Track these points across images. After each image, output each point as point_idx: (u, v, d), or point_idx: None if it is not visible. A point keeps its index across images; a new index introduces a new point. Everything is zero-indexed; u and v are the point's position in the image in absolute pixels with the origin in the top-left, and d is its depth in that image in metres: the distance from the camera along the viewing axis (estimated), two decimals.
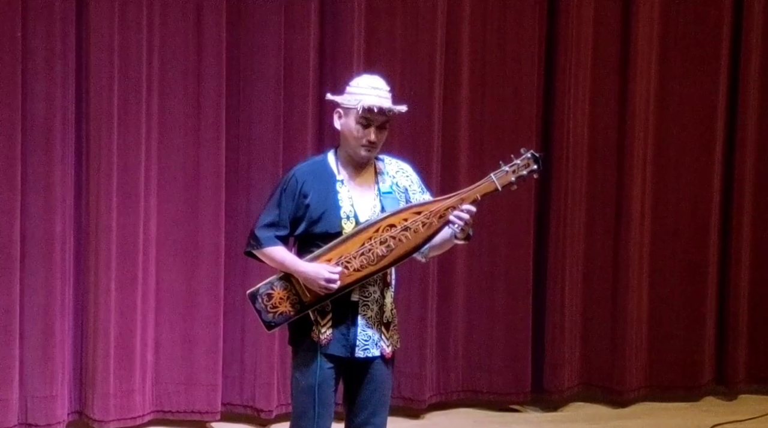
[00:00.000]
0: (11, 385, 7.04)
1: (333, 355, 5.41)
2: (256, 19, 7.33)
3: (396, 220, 5.38)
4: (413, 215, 5.38)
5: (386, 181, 5.51)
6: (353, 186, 5.47)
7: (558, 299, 7.81)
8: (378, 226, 5.36)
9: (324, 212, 5.42)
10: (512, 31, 7.73)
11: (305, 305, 5.41)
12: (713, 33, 7.96)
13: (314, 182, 5.45)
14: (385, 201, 5.46)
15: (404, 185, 5.51)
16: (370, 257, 5.38)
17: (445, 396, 7.75)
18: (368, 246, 5.37)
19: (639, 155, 7.86)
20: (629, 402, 7.90)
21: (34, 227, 7.10)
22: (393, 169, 5.53)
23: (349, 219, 5.43)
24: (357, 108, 5.34)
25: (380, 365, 5.49)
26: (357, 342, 5.44)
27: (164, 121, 7.28)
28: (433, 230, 5.37)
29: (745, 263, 8.11)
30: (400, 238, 5.36)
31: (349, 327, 5.44)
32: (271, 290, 5.45)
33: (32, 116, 7.06)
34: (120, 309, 7.20)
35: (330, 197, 5.44)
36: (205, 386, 7.33)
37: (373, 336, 5.46)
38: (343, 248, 5.39)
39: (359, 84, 5.45)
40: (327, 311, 5.43)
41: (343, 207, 5.42)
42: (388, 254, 5.36)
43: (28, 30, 7.02)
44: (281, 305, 5.46)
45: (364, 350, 5.42)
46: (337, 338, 5.43)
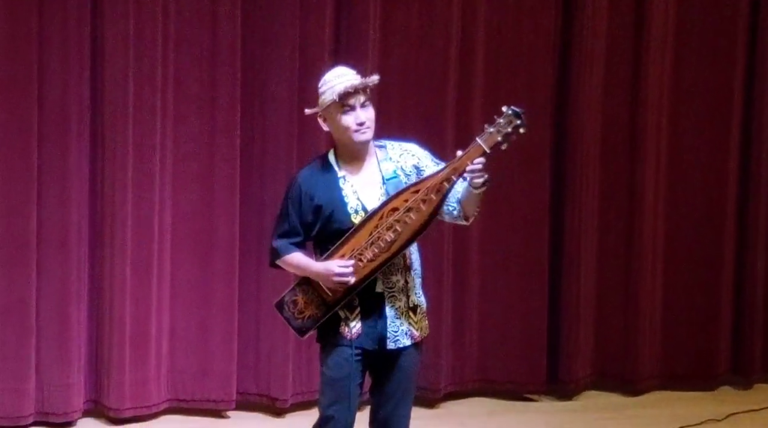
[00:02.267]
0: (28, 374, 7.08)
1: (362, 348, 5.42)
2: (271, 8, 7.33)
3: (398, 203, 5.38)
4: (412, 194, 5.38)
5: (389, 167, 5.50)
6: (356, 180, 5.47)
7: (573, 288, 7.80)
8: (382, 213, 5.37)
9: (333, 211, 5.44)
10: (527, 22, 7.72)
11: (330, 305, 5.43)
12: (729, 23, 7.92)
13: (318, 184, 5.47)
14: (390, 187, 5.46)
15: (412, 164, 5.50)
16: (380, 245, 5.38)
17: (460, 386, 7.76)
18: (376, 235, 5.38)
19: (652, 145, 7.86)
20: (644, 391, 7.91)
21: (50, 216, 7.13)
22: (396, 153, 5.54)
23: (358, 213, 5.44)
24: (333, 99, 5.35)
25: (409, 355, 5.51)
26: (387, 333, 5.45)
27: (179, 111, 7.30)
28: (434, 205, 5.36)
29: (762, 252, 8.09)
30: (404, 220, 5.37)
31: (377, 320, 5.45)
32: (296, 297, 5.48)
33: (48, 106, 7.08)
34: (135, 298, 7.23)
35: (335, 195, 5.45)
36: (220, 375, 7.37)
37: (402, 326, 5.47)
38: (353, 241, 5.41)
39: (325, 81, 5.47)
40: (355, 305, 5.44)
41: (350, 202, 5.43)
42: (397, 238, 5.36)
43: (44, 20, 7.02)
44: (308, 310, 5.50)
45: (395, 341, 5.43)
46: (366, 331, 5.44)
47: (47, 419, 7.15)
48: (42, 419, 7.15)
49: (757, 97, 7.99)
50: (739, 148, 8.04)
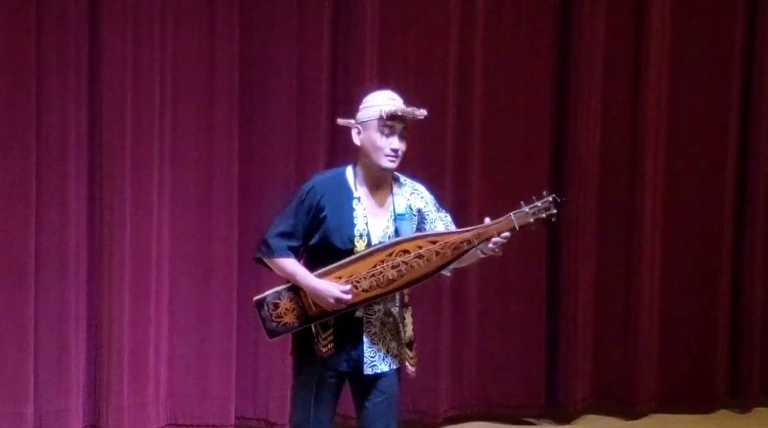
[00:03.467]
0: (26, 399, 7.07)
1: (334, 369, 5.43)
2: (269, 32, 7.36)
3: (410, 246, 5.37)
4: (428, 243, 5.38)
5: (401, 203, 5.50)
6: (369, 205, 5.46)
7: (571, 311, 7.83)
8: (392, 250, 5.36)
9: (338, 228, 5.41)
10: (525, 45, 7.76)
11: (309, 319, 5.41)
12: (725, 44, 7.99)
13: (332, 196, 5.45)
14: (399, 224, 5.46)
15: (418, 207, 5.51)
16: (380, 280, 5.38)
17: (459, 409, 7.76)
18: (380, 269, 5.37)
19: (650, 167, 7.89)
20: (642, 414, 7.92)
21: (48, 240, 7.11)
22: (408, 191, 5.54)
23: (362, 238, 5.41)
24: (380, 116, 5.35)
25: (388, 378, 5.50)
26: (365, 359, 5.45)
27: (177, 134, 7.32)
28: (446, 260, 5.38)
29: (759, 275, 8.12)
30: (412, 264, 5.37)
31: (353, 344, 5.45)
32: (278, 300, 5.46)
33: (46, 129, 7.09)
34: (133, 322, 7.22)
35: (346, 213, 5.42)
36: (219, 399, 7.36)
37: (380, 351, 5.46)
38: (354, 267, 5.40)
39: (374, 98, 5.48)
40: (329, 326, 5.44)
41: (358, 225, 5.42)
42: (398, 279, 5.38)
43: (42, 44, 7.05)
44: (286, 316, 5.47)
45: (372, 366, 5.43)
46: (340, 353, 5.44)
47: None
48: None
49: (753, 122, 8.02)
50: (735, 172, 8.04)
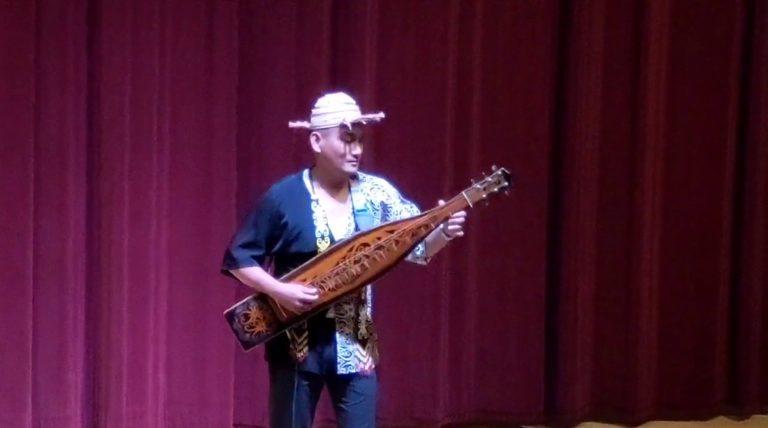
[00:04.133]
0: (24, 406, 7.08)
1: (309, 372, 5.45)
2: (268, 40, 7.39)
3: (369, 239, 5.41)
4: (386, 233, 5.40)
5: (360, 199, 5.52)
6: (328, 206, 5.49)
7: (570, 318, 7.84)
8: (352, 245, 5.39)
9: (300, 232, 5.44)
10: (523, 49, 7.78)
11: (281, 325, 5.43)
12: (723, 49, 8.00)
13: (290, 202, 5.48)
14: (359, 219, 5.47)
15: (380, 200, 5.54)
16: (345, 277, 5.41)
17: (457, 417, 7.77)
18: (342, 266, 5.40)
19: (649, 172, 7.90)
20: (641, 421, 7.94)
21: (47, 247, 7.12)
22: (368, 186, 5.56)
23: (324, 238, 5.44)
24: (342, 125, 5.37)
25: (365, 381, 5.52)
26: (338, 359, 5.47)
27: (176, 142, 7.33)
28: (407, 248, 5.40)
29: (757, 282, 8.12)
30: (374, 257, 5.39)
31: (325, 345, 5.46)
32: (248, 311, 5.47)
33: (45, 137, 7.10)
34: (132, 330, 7.23)
35: (305, 216, 5.46)
36: (217, 406, 7.38)
37: (356, 352, 5.48)
38: (317, 268, 5.43)
39: (331, 103, 5.50)
40: (303, 329, 5.45)
41: (318, 227, 5.44)
42: (363, 273, 5.39)
43: (41, 54, 7.07)
44: (258, 325, 5.48)
45: (346, 366, 5.45)
46: (314, 356, 5.45)
47: None
48: None
49: (751, 127, 8.03)
50: (734, 178, 8.05)
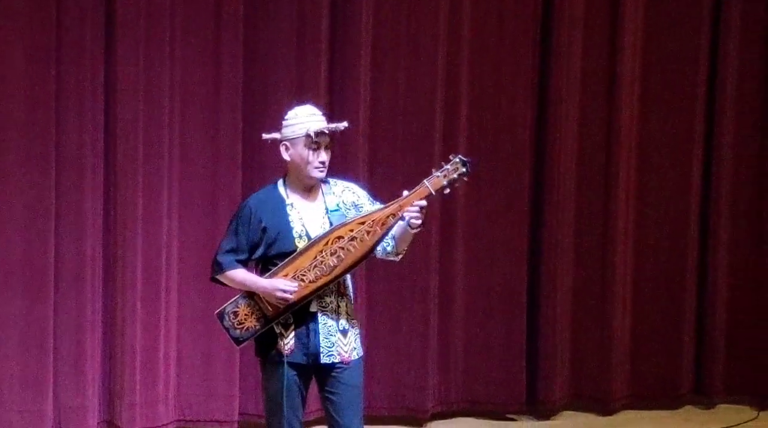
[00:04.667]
0: (46, 397, 7.13)
1: (296, 363, 5.47)
2: (270, 57, 7.39)
3: (343, 232, 5.46)
4: (358, 225, 5.46)
5: (332, 200, 5.58)
6: (302, 208, 5.54)
7: (550, 316, 7.88)
8: (327, 239, 5.44)
9: (278, 234, 5.49)
10: (507, 67, 7.78)
11: (269, 319, 5.48)
12: (691, 68, 8.02)
13: (266, 209, 5.53)
14: (333, 218, 5.54)
15: (351, 201, 5.59)
16: (323, 269, 5.44)
17: (446, 406, 7.83)
18: (320, 259, 5.44)
19: (623, 181, 7.93)
20: (615, 410, 7.98)
21: (66, 249, 7.17)
22: (339, 189, 5.62)
23: (302, 237, 5.50)
24: (307, 135, 5.44)
25: (349, 370, 5.55)
26: (321, 349, 5.49)
27: (184, 152, 7.35)
28: (378, 237, 5.45)
29: (722, 284, 8.16)
30: (348, 248, 5.44)
31: (310, 336, 5.49)
32: (237, 308, 5.51)
33: (65, 148, 7.13)
34: (144, 326, 7.27)
35: (282, 220, 5.51)
36: (224, 396, 7.42)
37: (338, 342, 5.52)
38: (297, 263, 5.46)
39: (298, 115, 5.55)
40: (289, 323, 5.48)
41: (295, 228, 5.50)
42: (339, 264, 5.43)
43: (61, 68, 7.09)
44: (247, 321, 5.52)
45: (329, 355, 5.49)
46: (299, 347, 5.49)
47: None
48: None
49: (716, 139, 8.09)
50: (701, 185, 8.11)
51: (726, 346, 8.17)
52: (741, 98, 8.09)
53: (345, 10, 7.49)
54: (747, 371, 8.19)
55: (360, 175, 7.34)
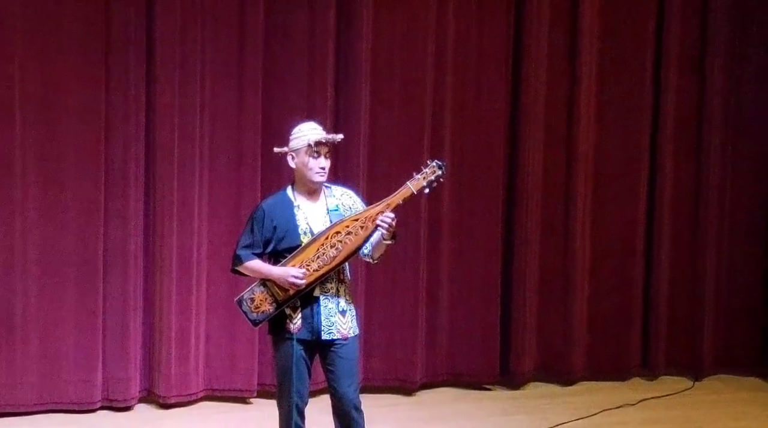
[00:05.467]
0: (96, 370, 7.22)
1: (302, 339, 5.50)
2: (285, 84, 7.39)
3: (340, 228, 5.50)
4: (352, 222, 5.49)
5: (332, 202, 5.61)
6: (307, 209, 5.57)
7: (520, 302, 7.90)
8: (328, 234, 5.49)
9: (286, 232, 5.54)
10: (485, 94, 7.77)
11: (280, 303, 5.51)
12: (638, 96, 7.97)
13: (277, 211, 5.56)
14: (332, 216, 5.57)
15: (348, 204, 5.62)
16: (324, 259, 5.47)
17: (431, 378, 7.85)
18: (322, 251, 5.47)
19: (581, 190, 7.94)
20: (575, 381, 8.01)
21: (113, 246, 7.22)
22: (338, 193, 5.65)
23: (306, 234, 5.54)
24: (308, 144, 5.47)
25: (346, 346, 5.57)
26: (322, 327, 5.51)
27: (213, 163, 7.35)
28: (369, 231, 5.47)
29: (663, 275, 8.12)
30: (345, 241, 5.46)
31: (314, 317, 5.52)
32: (253, 295, 5.54)
33: (112, 162, 7.18)
34: (178, 311, 7.31)
35: (290, 220, 5.55)
36: (244, 370, 7.44)
37: (337, 321, 5.55)
38: (303, 255, 5.49)
39: (301, 129, 5.59)
40: (297, 307, 5.52)
41: (300, 226, 5.54)
42: (338, 255, 5.46)
43: (110, 94, 7.14)
44: (262, 306, 5.54)
45: (329, 333, 5.53)
46: (305, 326, 5.51)
47: (111, 404, 7.27)
48: (107, 404, 7.26)
49: (659, 158, 8.05)
50: (647, 195, 8.09)
51: (667, 328, 8.17)
52: (679, 122, 8.07)
53: (348, 43, 7.46)
54: (684, 349, 8.20)
55: (360, 178, 7.40)
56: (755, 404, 7.73)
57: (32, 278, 7.13)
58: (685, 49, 8.01)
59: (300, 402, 5.59)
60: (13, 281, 7.10)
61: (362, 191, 6.99)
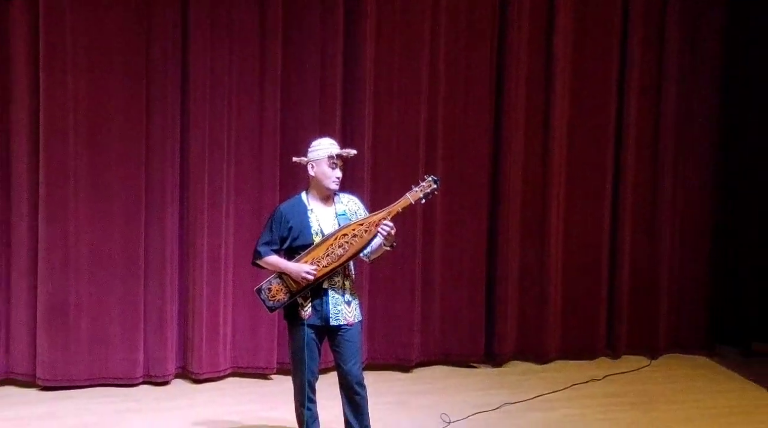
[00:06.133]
0: (138, 350, 7.29)
1: (313, 325, 5.52)
2: (300, 107, 7.45)
3: (347, 231, 5.50)
4: (358, 226, 5.48)
5: (341, 207, 5.62)
6: (319, 212, 5.57)
7: (502, 293, 7.91)
8: (336, 235, 5.49)
9: (300, 232, 5.54)
10: (472, 114, 7.76)
11: (293, 293, 5.52)
12: (604, 113, 8.00)
13: (293, 213, 5.57)
14: (341, 220, 5.58)
15: (354, 209, 5.64)
16: (332, 257, 5.46)
17: (426, 357, 7.86)
18: (331, 250, 5.46)
19: (554, 194, 7.96)
20: (549, 360, 8.04)
21: (153, 244, 7.27)
22: (346, 199, 5.65)
23: (318, 234, 5.54)
24: (329, 156, 5.48)
25: (350, 331, 5.57)
26: (330, 315, 5.52)
27: (238, 174, 7.38)
28: (372, 234, 5.47)
29: (626, 270, 8.14)
30: (351, 242, 5.45)
31: (323, 306, 5.52)
32: (270, 286, 5.55)
33: (152, 171, 7.21)
34: (209, 300, 7.36)
35: (304, 221, 5.55)
36: (265, 350, 7.47)
37: (342, 310, 5.55)
38: (315, 252, 5.50)
39: (321, 143, 5.59)
40: (308, 296, 5.52)
41: (313, 226, 5.54)
42: (344, 254, 5.47)
43: (150, 118, 7.18)
44: (278, 295, 5.54)
45: (336, 320, 5.54)
46: (315, 314, 5.52)
47: (151, 380, 7.30)
48: (147, 379, 7.30)
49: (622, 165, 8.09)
50: (611, 197, 8.09)
51: (628, 314, 8.20)
52: (638, 139, 8.09)
53: (353, 69, 7.45)
54: (643, 332, 8.22)
55: (365, 187, 7.43)
56: (703, 379, 7.78)
57: (84, 273, 7.19)
58: (644, 76, 8.05)
59: (312, 378, 5.62)
60: (69, 277, 7.16)
61: (366, 196, 7.02)
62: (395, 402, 7.04)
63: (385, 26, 7.52)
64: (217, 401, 7.08)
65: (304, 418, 5.67)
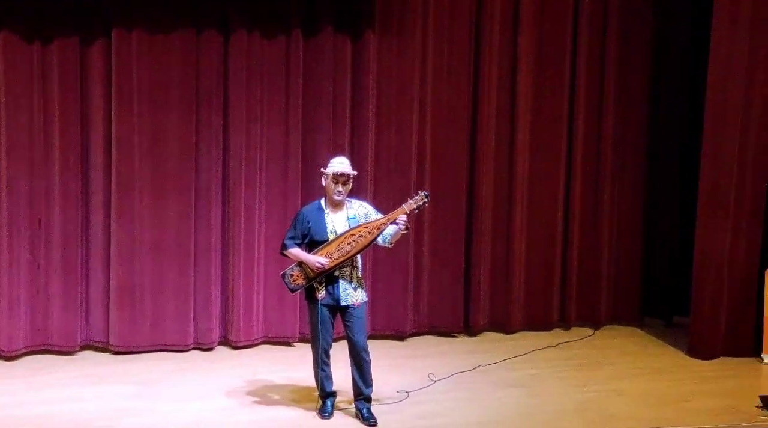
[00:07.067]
0: (189, 323, 7.54)
1: (326, 304, 5.78)
2: (317, 130, 7.57)
3: (355, 232, 5.74)
4: (364, 228, 5.73)
5: (352, 211, 5.83)
6: (333, 215, 5.81)
7: (477, 277, 8.08)
8: (345, 235, 5.73)
9: (318, 230, 5.79)
10: (453, 136, 7.89)
11: (310, 279, 5.78)
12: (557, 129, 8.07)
13: (312, 214, 5.83)
14: (351, 222, 5.80)
15: (363, 213, 5.84)
16: (342, 252, 5.70)
17: (417, 329, 8.02)
18: (341, 246, 5.70)
19: (518, 199, 8.11)
20: (514, 331, 8.19)
21: (200, 239, 7.49)
22: (356, 205, 5.87)
23: (332, 232, 5.80)
24: (334, 173, 5.75)
25: (357, 309, 5.82)
26: (340, 296, 5.78)
27: (268, 183, 7.56)
28: (374, 235, 5.72)
29: (574, 258, 8.29)
30: (357, 241, 5.70)
31: (334, 289, 5.78)
32: (292, 272, 5.84)
33: (200, 182, 7.45)
34: (246, 283, 7.56)
35: (321, 222, 5.80)
36: (290, 323, 7.69)
37: (350, 293, 5.80)
38: (328, 248, 5.76)
39: (333, 161, 5.87)
40: (322, 281, 5.79)
41: (328, 226, 5.80)
42: (352, 249, 5.72)
43: (198, 137, 7.40)
44: (298, 279, 5.81)
45: (345, 301, 5.81)
46: (328, 295, 5.79)
47: (199, 346, 7.53)
48: (196, 346, 7.53)
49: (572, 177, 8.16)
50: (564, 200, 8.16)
51: (576, 294, 8.35)
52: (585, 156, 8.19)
53: (359, 103, 7.63)
54: (589, 306, 8.35)
55: (368, 195, 7.53)
56: (637, 345, 7.97)
57: (147, 261, 7.43)
58: (590, 102, 8.19)
59: (326, 346, 5.91)
60: (134, 264, 7.43)
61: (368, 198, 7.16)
62: (393, 365, 7.29)
63: (384, 64, 7.69)
64: (252, 363, 7.33)
65: (320, 377, 5.95)
